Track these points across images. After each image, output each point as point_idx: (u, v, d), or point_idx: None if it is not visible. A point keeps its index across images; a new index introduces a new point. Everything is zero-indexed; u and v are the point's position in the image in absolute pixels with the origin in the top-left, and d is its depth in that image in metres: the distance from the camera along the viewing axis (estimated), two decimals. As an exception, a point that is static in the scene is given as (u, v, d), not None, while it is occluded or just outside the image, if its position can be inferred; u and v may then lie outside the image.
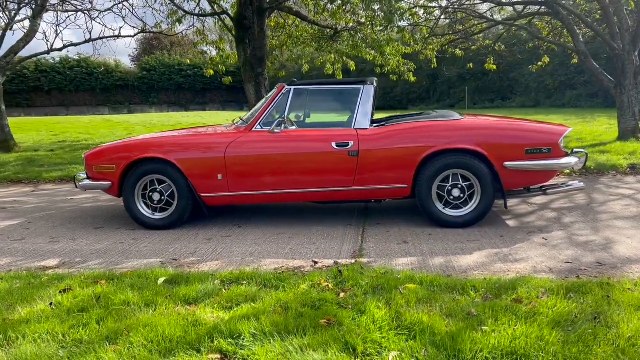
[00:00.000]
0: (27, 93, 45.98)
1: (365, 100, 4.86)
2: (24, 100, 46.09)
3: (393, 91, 36.04)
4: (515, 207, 5.57)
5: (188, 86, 46.70)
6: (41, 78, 45.40)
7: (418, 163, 4.66)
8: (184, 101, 47.04)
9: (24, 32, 12.35)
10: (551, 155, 4.60)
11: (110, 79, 46.43)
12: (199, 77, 44.75)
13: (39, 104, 46.23)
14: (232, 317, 2.78)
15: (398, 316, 2.76)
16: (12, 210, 6.12)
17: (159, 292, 3.17)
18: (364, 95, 4.88)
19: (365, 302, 2.93)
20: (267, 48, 11.10)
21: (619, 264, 3.66)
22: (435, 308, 2.86)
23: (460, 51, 15.10)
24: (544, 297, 2.95)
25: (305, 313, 2.80)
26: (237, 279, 3.38)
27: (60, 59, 45.59)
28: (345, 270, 3.46)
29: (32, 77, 45.22)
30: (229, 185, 4.86)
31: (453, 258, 3.91)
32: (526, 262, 3.75)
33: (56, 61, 45.54)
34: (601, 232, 4.47)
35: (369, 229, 4.82)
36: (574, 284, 3.15)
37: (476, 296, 3.04)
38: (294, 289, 3.19)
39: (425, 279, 3.29)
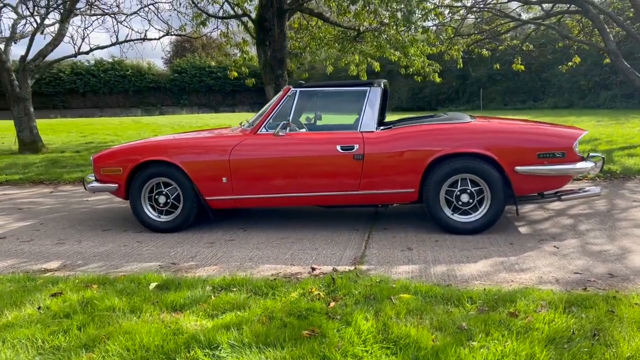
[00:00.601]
0: (63, 95, 47.23)
1: (372, 103, 4.75)
2: (60, 102, 47.35)
3: (422, 92, 35.68)
4: (530, 213, 5.37)
5: (218, 88, 47.23)
6: (76, 80, 46.57)
7: (425, 167, 4.52)
8: (214, 103, 47.58)
9: (52, 36, 12.61)
10: (565, 160, 4.40)
11: (143, 81, 47.30)
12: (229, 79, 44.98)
13: (74, 106, 47.41)
14: (214, 326, 2.71)
15: (385, 328, 2.65)
16: (27, 211, 6.22)
17: (147, 298, 3.13)
18: (371, 97, 4.77)
19: (353, 312, 2.83)
20: (286, 50, 11.05)
21: (632, 275, 3.46)
22: (425, 320, 2.74)
23: (487, 51, 14.80)
24: (542, 311, 2.79)
25: (290, 323, 2.71)
26: (228, 286, 3.31)
27: (95, 61, 46.66)
28: (339, 279, 3.36)
29: (67, 80, 46.42)
30: (234, 188, 4.81)
31: (456, 266, 3.77)
32: (532, 272, 3.58)
33: (91, 64, 46.63)
34: (617, 240, 4.26)
35: (374, 235, 4.70)
36: (578, 297, 2.98)
37: (471, 308, 2.90)
38: (284, 297, 3.11)
39: (421, 289, 3.17)
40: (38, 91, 45.74)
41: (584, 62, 23.71)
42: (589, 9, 10.80)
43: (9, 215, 6.04)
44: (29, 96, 12.15)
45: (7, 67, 11.69)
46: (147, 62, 47.50)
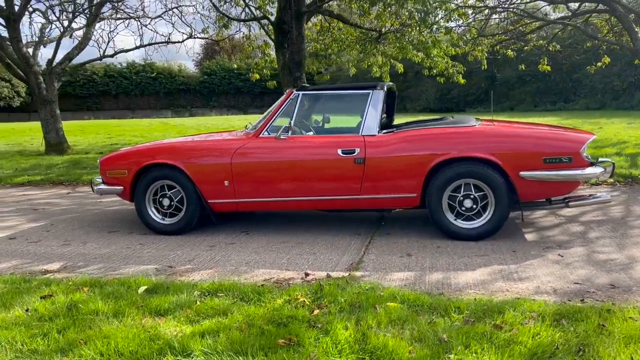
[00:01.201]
0: (96, 97, 48.38)
1: (374, 106, 4.68)
2: (93, 104, 48.51)
3: (450, 93, 35.24)
4: (540, 219, 5.21)
5: (247, 90, 47.62)
6: (109, 83, 47.65)
7: (427, 172, 4.43)
8: (243, 104, 48.01)
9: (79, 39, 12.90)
10: (572, 165, 4.25)
11: (173, 83, 48.06)
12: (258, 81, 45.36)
13: (107, 107, 48.52)
14: (192, 332, 2.70)
15: (363, 338, 2.59)
16: (42, 212, 6.35)
17: (133, 302, 3.14)
18: (373, 100, 4.70)
19: (334, 321, 2.78)
20: (305, 52, 11.04)
21: (635, 287, 3.31)
22: (406, 331, 2.67)
23: (512, 52, 14.52)
24: (529, 323, 2.69)
25: (268, 331, 2.68)
26: (216, 291, 3.30)
27: (127, 64, 47.63)
28: (328, 285, 3.31)
29: (101, 82, 47.53)
30: (236, 191, 4.81)
31: (453, 274, 3.67)
32: (530, 282, 3.47)
33: (123, 66, 47.61)
34: (627, 249, 4.09)
35: (376, 240, 4.63)
36: (571, 309, 2.87)
37: (457, 319, 2.82)
38: (269, 304, 3.08)
39: (409, 298, 3.09)
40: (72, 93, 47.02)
41: (617, 62, 23.03)
42: (616, 8, 10.48)
43: (23, 215, 6.17)
44: (55, 99, 12.44)
45: (35, 70, 11.99)
46: (178, 64, 48.24)
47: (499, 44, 13.88)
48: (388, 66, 15.58)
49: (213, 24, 13.61)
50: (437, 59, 13.85)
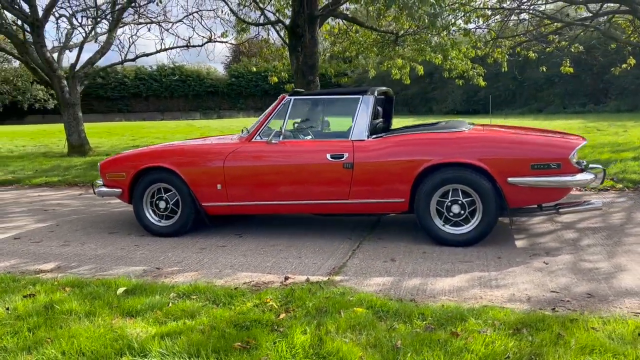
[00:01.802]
0: (127, 99, 49.44)
1: (364, 111, 4.70)
2: (124, 106, 49.58)
3: (476, 95, 34.75)
4: (536, 225, 5.14)
5: (273, 92, 47.82)
6: (140, 85, 48.64)
7: (415, 177, 4.43)
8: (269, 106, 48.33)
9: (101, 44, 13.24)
10: (561, 171, 4.19)
11: (202, 86, 48.78)
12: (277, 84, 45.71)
13: (137, 110, 49.54)
14: (156, 333, 2.77)
15: (320, 343, 2.62)
16: (51, 213, 6.56)
17: (109, 303, 3.24)
18: (362, 105, 4.72)
19: (296, 325, 2.82)
20: (318, 56, 11.10)
21: (613, 296, 3.26)
22: (363, 337, 2.69)
23: (534, 54, 14.29)
24: (487, 332, 2.68)
25: (229, 334, 2.73)
26: (191, 293, 3.37)
27: (157, 67, 48.52)
28: (299, 290, 3.36)
29: (131, 85, 48.56)
30: (228, 195, 4.89)
31: (431, 280, 3.67)
32: (507, 289, 3.44)
33: (153, 69, 48.53)
34: (616, 257, 4.01)
35: (365, 244, 4.65)
36: (535, 318, 2.84)
37: (419, 325, 2.82)
38: (238, 307, 3.14)
39: (376, 303, 3.11)
40: (104, 95, 48.22)
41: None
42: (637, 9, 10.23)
43: (33, 216, 6.39)
44: (78, 102, 12.80)
45: (58, 74, 12.35)
46: (207, 67, 48.93)
47: (518, 46, 13.67)
48: (408, 68, 15.51)
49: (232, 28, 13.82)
50: (456, 61, 13.74)
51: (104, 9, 13.08)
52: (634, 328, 2.68)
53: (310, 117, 5.26)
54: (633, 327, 2.69)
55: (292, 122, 5.01)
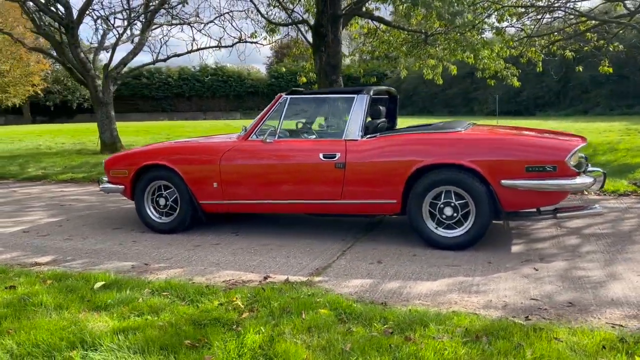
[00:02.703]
0: (171, 99, 50.61)
1: (357, 111, 4.63)
2: (168, 106, 50.78)
3: (519, 96, 33.86)
4: (539, 230, 4.94)
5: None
6: (183, 85, 49.72)
7: (407, 178, 4.34)
8: (309, 106, 48.51)
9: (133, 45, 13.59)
10: (556, 174, 4.02)
11: (242, 86, 49.44)
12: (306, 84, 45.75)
13: (180, 109, 50.64)
14: (114, 327, 2.81)
15: (270, 343, 2.59)
16: (66, 208, 6.76)
17: (83, 296, 3.30)
18: (356, 105, 4.65)
19: (253, 324, 2.80)
20: (341, 55, 11.05)
21: (595, 306, 3.10)
22: (316, 339, 2.65)
23: (571, 53, 13.82)
24: (442, 338, 2.59)
25: (184, 331, 2.74)
26: (163, 290, 3.40)
27: (200, 67, 49.44)
28: (270, 289, 3.34)
29: (175, 85, 49.69)
30: (224, 193, 4.92)
31: (411, 283, 3.58)
32: (485, 295, 3.32)
33: (196, 70, 49.51)
34: (613, 266, 3.81)
35: (358, 245, 4.59)
36: (500, 326, 2.73)
37: (378, 329, 2.75)
38: (204, 305, 3.14)
39: (342, 305, 3.06)
40: (149, 95, 49.52)
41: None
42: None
43: (48, 210, 6.60)
44: (110, 101, 13.17)
45: (92, 74, 12.75)
46: (247, 68, 49.54)
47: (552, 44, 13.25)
48: (440, 68, 15.25)
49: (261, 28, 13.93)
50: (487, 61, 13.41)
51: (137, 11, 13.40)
52: (600, 340, 2.53)
53: (307, 116, 5.23)
54: (599, 339, 2.55)
55: (289, 121, 4.99)
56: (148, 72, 49.44)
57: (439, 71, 15.38)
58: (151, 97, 49.73)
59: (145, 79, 48.92)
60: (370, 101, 4.69)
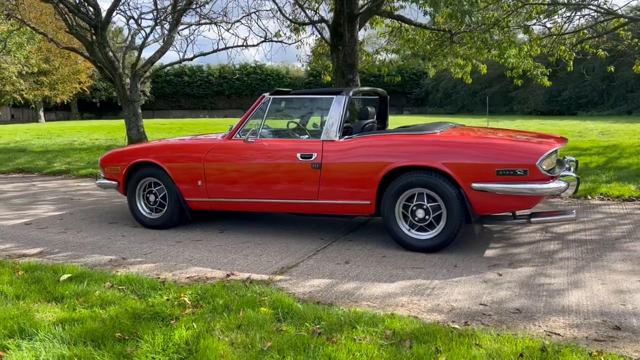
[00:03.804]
0: (211, 97, 51.50)
1: (335, 111, 4.65)
2: (208, 104, 51.70)
3: (560, 95, 32.92)
4: (523, 234, 4.83)
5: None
6: (223, 83, 50.50)
7: (380, 179, 4.33)
8: (346, 105, 48.45)
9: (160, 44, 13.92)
10: (527, 178, 3.93)
11: (281, 85, 49.71)
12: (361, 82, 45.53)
13: (220, 107, 51.47)
14: (58, 318, 2.94)
15: (195, 339, 2.66)
16: (74, 202, 7.03)
17: (45, 287, 3.46)
18: (335, 105, 4.67)
19: (188, 320, 2.88)
20: (357, 54, 11.04)
21: (542, 313, 3.04)
22: (241, 336, 2.70)
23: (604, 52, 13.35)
24: (364, 340, 2.60)
25: (120, 325, 2.84)
26: (122, 284, 3.53)
27: (240, 66, 50.09)
28: (221, 286, 3.41)
29: (215, 83, 50.51)
30: (208, 191, 5.03)
31: (368, 285, 3.59)
32: (435, 299, 3.30)
33: (236, 68, 50.17)
34: (580, 273, 3.71)
35: (333, 245, 4.61)
36: (428, 331, 2.73)
37: (307, 329, 2.79)
38: (152, 300, 3.24)
39: (284, 304, 3.10)
40: (190, 93, 50.53)
41: None
42: None
43: (57, 204, 6.89)
44: (138, 99, 13.54)
45: (119, 72, 13.14)
46: (287, 66, 49.91)
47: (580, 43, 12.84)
48: (470, 67, 15.00)
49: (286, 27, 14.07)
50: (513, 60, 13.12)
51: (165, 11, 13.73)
52: (521, 348, 2.50)
53: (289, 116, 5.28)
54: (521, 347, 2.51)
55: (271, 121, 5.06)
56: (190, 70, 50.48)
57: (468, 70, 15.13)
58: (192, 95, 50.72)
59: (187, 77, 49.93)
60: (348, 102, 4.70)
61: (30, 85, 38.15)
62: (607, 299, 3.23)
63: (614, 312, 3.02)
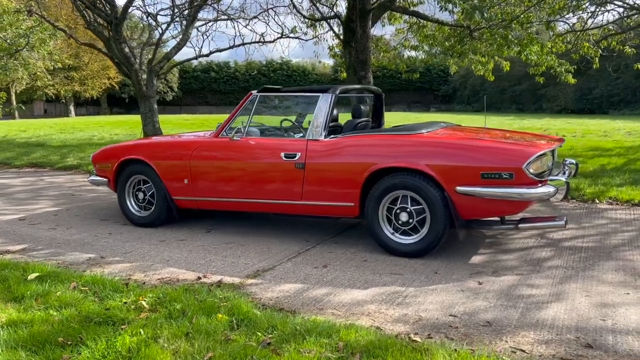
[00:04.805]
0: (237, 93, 51.71)
1: (320, 110, 4.50)
2: (235, 99, 51.92)
3: (591, 93, 31.99)
4: (517, 239, 4.61)
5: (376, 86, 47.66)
6: (249, 79, 50.67)
7: (363, 181, 4.18)
8: (372, 101, 48.13)
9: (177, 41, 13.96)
10: (513, 182, 3.73)
11: (307, 81, 49.71)
12: (387, 78, 45.12)
13: (246, 103, 51.65)
14: (9, 320, 2.89)
15: (138, 347, 2.57)
16: (74, 197, 7.06)
17: (9, 287, 3.42)
18: (320, 104, 4.53)
19: (138, 326, 2.79)
20: (370, 51, 10.84)
21: (513, 327, 2.85)
22: (184, 345, 2.60)
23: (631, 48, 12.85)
24: (310, 353, 2.46)
25: (67, 328, 2.77)
26: (86, 284, 3.46)
27: (266, 62, 50.24)
28: (182, 290, 3.32)
29: (242, 79, 50.78)
30: (194, 190, 4.95)
31: (340, 291, 3.46)
32: (405, 308, 3.15)
33: (262, 64, 50.33)
34: (565, 284, 3.50)
35: (317, 247, 4.48)
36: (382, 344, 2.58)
37: (256, 340, 2.67)
38: (110, 302, 3.16)
39: (242, 311, 2.98)
40: (217, 89, 50.93)
41: None
42: None
43: (56, 199, 6.92)
44: (154, 94, 13.59)
45: (135, 68, 13.22)
46: (312, 62, 49.79)
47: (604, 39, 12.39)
48: (492, 64, 14.63)
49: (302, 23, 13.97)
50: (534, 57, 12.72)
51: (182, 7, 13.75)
52: (474, 367, 2.32)
53: (276, 114, 5.16)
54: (474, 366, 2.34)
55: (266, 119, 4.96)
56: (217, 66, 50.83)
57: (490, 67, 14.78)
58: (219, 91, 51.13)
59: (214, 72, 50.33)
60: (335, 101, 4.55)
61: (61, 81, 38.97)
62: (587, 312, 3.02)
63: (590, 328, 2.82)
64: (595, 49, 12.79)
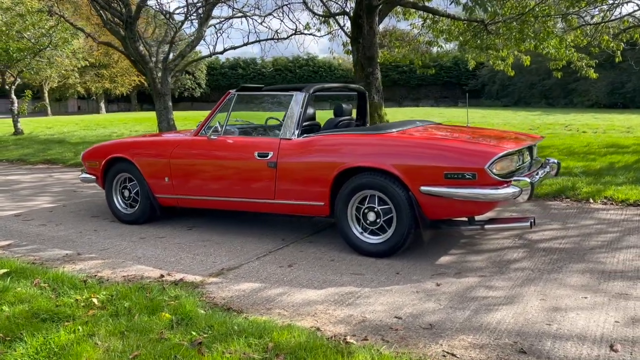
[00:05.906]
0: (264, 89, 52.05)
1: (293, 109, 4.50)
2: (261, 95, 52.30)
3: (623, 87, 31.02)
4: (494, 239, 4.51)
5: (403, 82, 47.30)
6: (275, 76, 50.86)
7: (332, 180, 4.16)
8: (399, 97, 47.76)
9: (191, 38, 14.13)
10: (476, 183, 3.66)
11: (332, 77, 49.61)
12: (414, 73, 44.65)
13: (273, 99, 51.87)
14: (-40, 315, 2.99)
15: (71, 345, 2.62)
16: (75, 194, 7.23)
17: (-25, 283, 3.54)
18: (293, 103, 4.52)
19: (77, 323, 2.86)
20: (377, 47, 10.76)
21: (452, 330, 2.81)
22: (116, 343, 2.64)
23: (652, 41, 12.42)
24: (232, 353, 2.48)
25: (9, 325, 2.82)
26: (48, 281, 3.55)
27: (292, 58, 50.36)
28: (137, 288, 3.38)
29: (269, 75, 50.97)
30: (174, 188, 5.02)
31: (294, 291, 3.46)
32: (352, 309, 3.13)
33: (289, 60, 50.48)
34: (525, 287, 3.42)
35: (290, 247, 4.48)
36: (310, 345, 2.57)
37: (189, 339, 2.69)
38: (63, 299, 3.23)
39: (186, 310, 3.02)
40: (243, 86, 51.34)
41: None
42: None
43: (58, 196, 7.10)
44: (168, 92, 13.79)
45: (150, 66, 13.44)
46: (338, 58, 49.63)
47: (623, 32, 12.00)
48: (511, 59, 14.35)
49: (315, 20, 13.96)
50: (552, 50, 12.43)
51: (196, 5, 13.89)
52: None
53: (254, 112, 5.18)
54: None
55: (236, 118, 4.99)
56: (244, 62, 51.19)
57: (509, 62, 14.50)
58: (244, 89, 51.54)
59: (242, 69, 50.71)
60: (308, 99, 4.54)
61: (92, 78, 39.89)
62: (535, 316, 2.95)
63: (532, 333, 2.75)
64: (617, 42, 12.40)
